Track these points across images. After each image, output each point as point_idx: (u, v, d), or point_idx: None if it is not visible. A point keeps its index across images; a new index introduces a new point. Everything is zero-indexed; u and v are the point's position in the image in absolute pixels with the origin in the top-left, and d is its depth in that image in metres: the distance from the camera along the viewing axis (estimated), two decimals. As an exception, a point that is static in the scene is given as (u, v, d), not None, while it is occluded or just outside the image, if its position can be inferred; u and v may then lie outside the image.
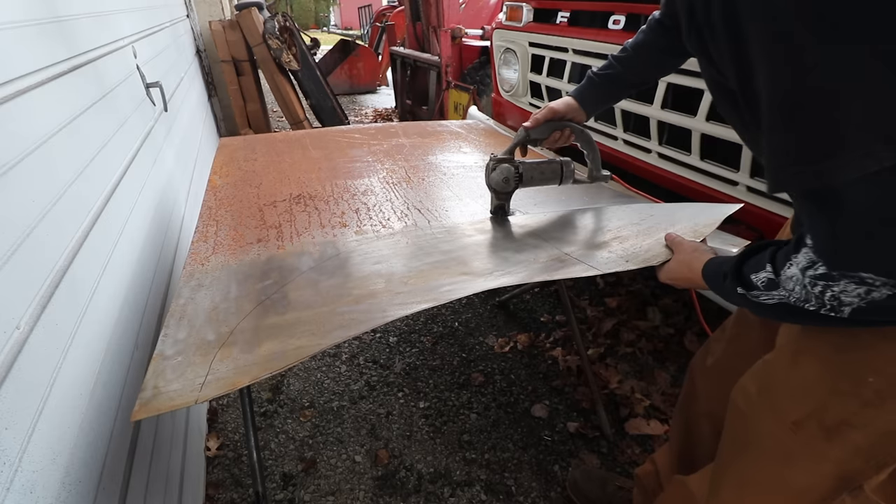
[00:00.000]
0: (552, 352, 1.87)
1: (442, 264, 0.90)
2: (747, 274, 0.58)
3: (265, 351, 0.67)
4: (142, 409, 0.58)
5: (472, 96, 3.26)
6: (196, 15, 3.92)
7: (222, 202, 1.17)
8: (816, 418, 0.59)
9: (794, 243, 0.52)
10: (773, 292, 0.54)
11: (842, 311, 0.48)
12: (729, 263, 0.63)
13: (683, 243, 0.80)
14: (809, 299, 0.50)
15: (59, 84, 0.96)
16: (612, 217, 1.08)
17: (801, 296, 0.51)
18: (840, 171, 0.42)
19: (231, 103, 4.03)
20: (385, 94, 7.12)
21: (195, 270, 0.88)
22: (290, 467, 1.42)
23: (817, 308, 0.50)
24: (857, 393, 0.55)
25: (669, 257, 0.81)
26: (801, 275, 0.50)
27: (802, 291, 0.50)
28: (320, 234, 1.03)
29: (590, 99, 1.03)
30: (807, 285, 0.49)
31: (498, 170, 1.04)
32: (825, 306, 0.49)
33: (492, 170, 1.04)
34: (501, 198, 1.10)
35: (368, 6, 12.55)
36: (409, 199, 1.23)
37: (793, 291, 0.51)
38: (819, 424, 0.59)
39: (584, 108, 1.03)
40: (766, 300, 0.55)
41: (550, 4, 1.88)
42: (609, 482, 1.31)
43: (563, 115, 1.03)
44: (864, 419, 0.56)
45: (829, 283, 0.48)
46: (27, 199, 0.73)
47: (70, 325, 0.77)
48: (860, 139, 0.40)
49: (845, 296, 0.47)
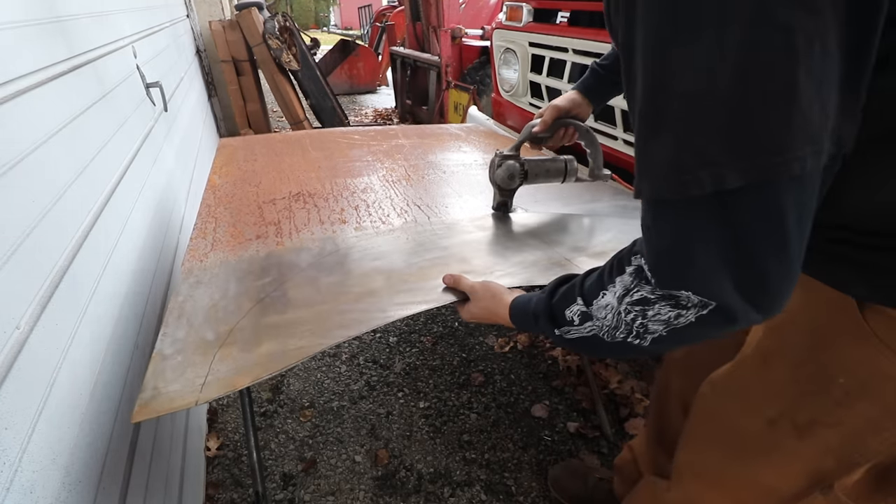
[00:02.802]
0: (552, 352, 1.87)
1: (442, 261, 0.90)
2: (559, 310, 0.57)
3: (265, 351, 0.67)
4: (141, 411, 0.57)
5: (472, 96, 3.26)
6: (196, 15, 3.92)
7: (221, 200, 1.17)
8: (789, 417, 0.60)
9: (606, 271, 0.52)
10: (587, 324, 0.54)
11: (645, 338, 0.49)
12: (536, 303, 0.62)
13: (475, 287, 0.75)
14: (619, 326, 0.50)
15: (59, 84, 0.96)
16: (612, 227, 1.07)
17: (612, 323, 0.51)
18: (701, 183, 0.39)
19: (231, 103, 4.03)
20: (385, 94, 7.12)
21: (193, 267, 0.88)
22: (290, 467, 1.42)
23: (625, 335, 0.50)
24: (828, 393, 0.55)
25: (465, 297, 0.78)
26: (617, 303, 0.50)
27: (614, 319, 0.50)
28: (319, 230, 1.03)
29: (596, 90, 1.02)
30: (621, 312, 0.49)
31: (504, 166, 1.04)
32: (632, 333, 0.49)
33: (497, 166, 1.04)
34: (505, 194, 1.10)
35: (368, 6, 12.54)
36: (408, 195, 1.23)
37: (604, 320, 0.51)
38: (792, 423, 0.60)
39: (590, 100, 1.02)
40: (576, 335, 0.55)
41: (550, 4, 1.88)
42: (590, 475, 1.32)
43: (567, 111, 1.02)
44: (835, 418, 0.56)
45: (644, 308, 0.47)
46: (27, 199, 0.73)
47: (70, 325, 0.77)
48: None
49: (653, 323, 0.47)
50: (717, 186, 0.37)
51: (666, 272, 0.45)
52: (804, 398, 0.58)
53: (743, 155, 0.36)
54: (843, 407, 0.55)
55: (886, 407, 0.52)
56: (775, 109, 0.35)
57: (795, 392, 0.59)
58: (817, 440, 0.58)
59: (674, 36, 0.37)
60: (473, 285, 0.76)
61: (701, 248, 0.41)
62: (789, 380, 0.59)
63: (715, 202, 0.38)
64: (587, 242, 1.00)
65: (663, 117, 0.39)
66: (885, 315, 0.49)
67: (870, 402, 0.53)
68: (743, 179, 0.36)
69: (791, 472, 0.62)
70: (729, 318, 0.43)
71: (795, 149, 0.35)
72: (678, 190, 0.39)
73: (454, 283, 0.79)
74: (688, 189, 0.38)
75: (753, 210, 0.38)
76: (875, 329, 0.50)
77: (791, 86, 0.34)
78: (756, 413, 0.64)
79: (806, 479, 0.61)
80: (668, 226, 0.43)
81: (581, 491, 1.29)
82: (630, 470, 1.13)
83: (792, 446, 0.60)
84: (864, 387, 0.52)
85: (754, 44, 0.34)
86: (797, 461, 0.61)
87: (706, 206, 0.39)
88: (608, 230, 1.05)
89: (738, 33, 0.34)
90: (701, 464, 0.76)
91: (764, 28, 0.33)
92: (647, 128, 0.41)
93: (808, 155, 0.36)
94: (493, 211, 1.14)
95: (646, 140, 0.41)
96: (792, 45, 0.34)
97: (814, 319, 0.55)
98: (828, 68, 0.35)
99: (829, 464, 0.59)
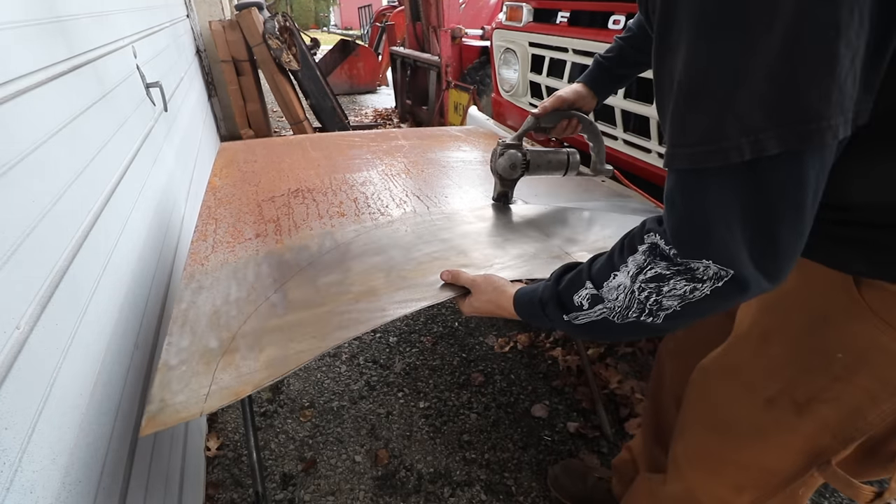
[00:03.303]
0: (552, 352, 1.87)
1: (441, 255, 0.90)
2: (567, 296, 0.57)
3: (267, 357, 0.67)
4: (150, 424, 0.57)
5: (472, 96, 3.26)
6: (196, 15, 3.92)
7: (221, 201, 1.17)
8: (788, 394, 0.61)
9: (616, 253, 0.53)
10: (597, 307, 0.54)
11: (658, 315, 0.49)
12: (543, 290, 0.62)
13: (477, 281, 0.74)
14: (632, 306, 0.50)
15: (58, 84, 0.96)
16: (611, 223, 1.07)
17: (625, 303, 0.51)
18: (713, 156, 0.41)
19: (231, 103, 4.03)
20: (385, 94, 7.12)
21: (195, 271, 0.88)
22: (290, 467, 1.42)
23: (638, 314, 0.50)
24: (826, 369, 0.57)
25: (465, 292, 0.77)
26: (630, 282, 0.50)
27: (626, 299, 0.51)
28: (318, 224, 1.03)
29: (601, 82, 1.02)
30: (634, 291, 0.50)
31: (506, 155, 1.03)
32: (645, 312, 0.50)
33: (499, 155, 1.04)
34: (506, 184, 1.10)
35: (368, 6, 12.54)
36: (407, 187, 1.23)
37: (616, 301, 0.52)
38: (790, 400, 0.60)
39: (595, 91, 1.02)
40: (586, 319, 0.55)
41: (550, 4, 1.88)
42: (589, 475, 1.32)
43: (571, 103, 1.02)
44: (833, 394, 0.57)
45: (659, 285, 0.48)
46: (27, 199, 0.73)
47: (70, 325, 0.77)
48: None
49: (668, 299, 0.48)
50: (756, 153, 0.39)
51: (689, 241, 0.45)
52: (803, 375, 0.59)
53: (782, 121, 0.38)
54: (841, 382, 0.56)
55: (883, 379, 0.53)
56: (817, 79, 0.36)
57: (795, 369, 0.60)
58: (816, 417, 0.59)
59: (721, 9, 0.38)
60: (475, 279, 0.75)
61: (726, 215, 0.42)
62: (789, 357, 0.60)
63: (747, 170, 0.40)
64: (588, 236, 1.00)
65: (706, 88, 0.40)
66: (881, 290, 0.50)
67: (867, 376, 0.54)
68: (780, 146, 0.38)
69: (790, 450, 0.63)
70: (742, 288, 0.44)
71: (830, 117, 0.37)
72: (718, 157, 0.40)
73: (452, 278, 0.78)
74: (728, 156, 0.40)
75: (782, 179, 0.40)
76: (871, 304, 0.51)
77: (833, 57, 0.36)
78: (754, 393, 0.64)
79: (805, 457, 0.62)
80: (697, 194, 0.44)
81: (580, 491, 1.29)
82: (628, 470, 1.13)
83: (791, 424, 0.61)
84: (862, 361, 0.54)
85: (804, 16, 0.35)
86: (796, 439, 0.62)
87: (738, 174, 0.41)
88: (608, 226, 1.05)
89: (788, 6, 0.35)
90: (698, 452, 0.76)
91: (814, 1, 0.35)
92: (687, 98, 0.42)
93: (839, 124, 0.38)
94: (493, 202, 1.14)
95: (685, 110, 0.42)
96: (838, 16, 0.35)
97: (812, 297, 0.57)
98: (861, 40, 0.37)
99: (827, 440, 0.60)
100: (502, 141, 1.05)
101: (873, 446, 0.60)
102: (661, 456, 0.95)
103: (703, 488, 0.76)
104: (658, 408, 1.04)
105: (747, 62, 0.37)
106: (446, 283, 0.80)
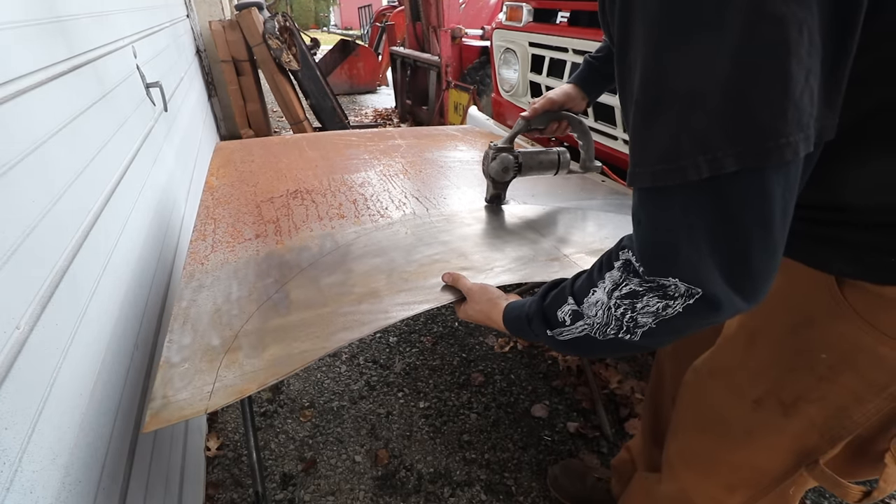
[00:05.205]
0: (552, 352, 1.87)
1: (442, 257, 0.90)
2: (552, 312, 0.58)
3: (270, 356, 0.67)
4: (153, 421, 0.57)
5: (472, 96, 3.26)
6: (196, 15, 3.92)
7: (219, 201, 1.17)
8: (775, 395, 0.61)
9: (595, 269, 0.53)
10: (578, 323, 0.54)
11: (635, 332, 0.49)
12: (530, 306, 0.63)
13: (473, 290, 0.76)
14: (610, 322, 0.51)
15: (59, 84, 0.96)
16: (609, 222, 1.08)
17: (603, 320, 0.51)
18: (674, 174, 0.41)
19: (231, 103, 4.03)
20: (385, 94, 7.12)
21: (195, 270, 0.88)
22: (290, 467, 1.42)
23: (616, 331, 0.50)
24: (811, 369, 0.57)
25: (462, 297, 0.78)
26: (607, 298, 0.50)
27: (604, 316, 0.51)
28: (318, 226, 1.03)
29: (591, 81, 1.03)
30: (611, 307, 0.50)
31: (498, 159, 1.04)
32: (623, 329, 0.50)
33: (491, 159, 1.05)
34: (499, 187, 1.10)
35: (368, 6, 12.54)
36: (406, 188, 1.23)
37: (595, 317, 0.52)
38: (777, 401, 0.61)
39: (585, 91, 1.03)
40: (569, 335, 0.56)
41: (550, 4, 1.88)
42: (588, 475, 1.33)
43: (560, 104, 1.03)
44: (818, 394, 0.57)
45: (633, 301, 0.48)
46: (27, 199, 0.73)
47: (70, 325, 0.77)
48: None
49: (642, 315, 0.48)
50: (714, 171, 0.38)
51: (655, 259, 0.46)
52: (789, 375, 0.60)
53: (739, 140, 0.37)
54: (826, 382, 0.56)
55: (868, 379, 0.54)
56: (770, 97, 0.36)
57: (781, 370, 0.60)
58: (802, 417, 0.59)
59: (672, 28, 0.38)
60: (471, 287, 0.76)
61: (690, 234, 0.42)
62: (774, 358, 0.61)
63: (708, 187, 0.40)
64: (584, 237, 1.00)
65: (662, 107, 0.40)
66: (863, 290, 0.50)
67: (851, 376, 0.54)
68: (739, 164, 0.38)
69: (779, 450, 0.64)
70: (714, 306, 0.44)
71: (788, 134, 0.37)
72: (676, 175, 0.40)
73: (453, 281, 0.79)
74: (686, 174, 0.39)
75: (743, 195, 0.40)
76: (854, 305, 0.51)
77: (785, 74, 0.36)
78: (742, 394, 0.65)
79: (793, 456, 0.63)
80: (660, 212, 0.44)
81: (580, 491, 1.29)
82: (627, 470, 1.14)
83: (779, 424, 0.62)
84: (846, 361, 0.54)
85: (752, 35, 0.35)
86: (784, 439, 0.62)
87: (699, 192, 0.40)
88: (604, 226, 1.05)
89: (736, 25, 0.35)
90: (691, 452, 0.77)
91: (760, 20, 0.35)
92: (645, 117, 0.42)
93: (799, 140, 0.38)
94: (486, 203, 1.14)
95: (643, 129, 0.42)
96: (786, 35, 0.35)
97: (795, 298, 0.57)
98: (814, 59, 0.37)
99: (814, 439, 0.60)
100: (493, 144, 1.05)
101: (861, 445, 0.60)
102: (659, 456, 0.96)
103: (696, 488, 0.77)
104: (657, 408, 1.05)
105: (700, 82, 0.37)
106: (446, 286, 0.81)
